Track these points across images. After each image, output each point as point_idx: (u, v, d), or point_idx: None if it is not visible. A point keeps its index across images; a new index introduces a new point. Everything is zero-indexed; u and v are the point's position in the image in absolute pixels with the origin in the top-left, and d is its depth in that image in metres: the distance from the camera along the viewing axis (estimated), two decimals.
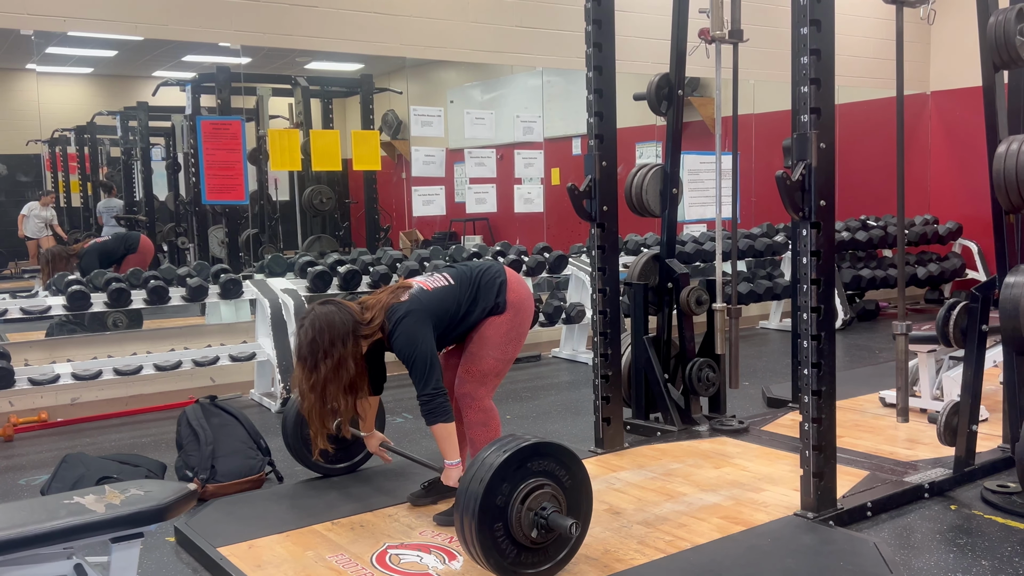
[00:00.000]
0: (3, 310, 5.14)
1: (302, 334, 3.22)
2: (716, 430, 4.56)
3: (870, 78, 8.79)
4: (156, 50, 6.59)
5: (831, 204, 3.24)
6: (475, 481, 2.71)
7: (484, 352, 3.43)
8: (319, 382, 3.20)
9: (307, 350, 3.18)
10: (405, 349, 3.23)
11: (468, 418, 3.46)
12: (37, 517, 2.31)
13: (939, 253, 9.16)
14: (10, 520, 2.30)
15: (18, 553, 2.27)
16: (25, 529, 2.25)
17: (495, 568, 2.74)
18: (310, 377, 3.20)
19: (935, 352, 4.80)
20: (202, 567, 3.19)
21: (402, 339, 3.23)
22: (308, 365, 3.19)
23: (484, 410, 3.47)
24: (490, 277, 3.45)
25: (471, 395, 3.44)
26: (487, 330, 3.43)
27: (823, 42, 3.18)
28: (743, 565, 2.96)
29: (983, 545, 3.22)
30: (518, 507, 2.73)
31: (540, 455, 2.81)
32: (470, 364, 3.44)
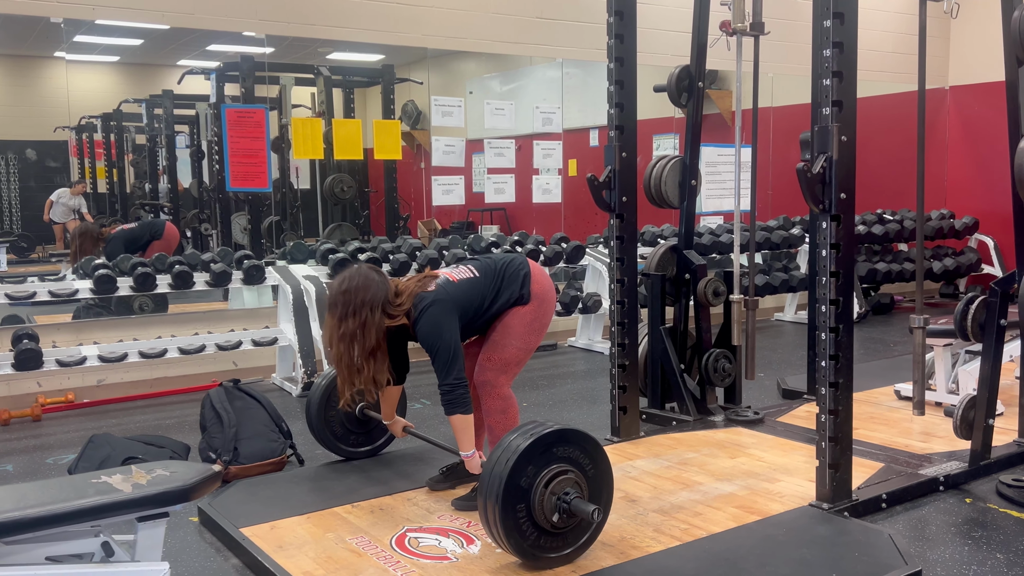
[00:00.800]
0: (32, 293, 5.18)
1: (337, 282, 3.23)
2: (731, 420, 4.54)
3: (889, 72, 8.69)
4: (181, 39, 6.61)
5: (851, 197, 3.21)
6: (501, 462, 2.72)
7: (507, 341, 3.42)
8: (346, 335, 3.17)
9: (340, 299, 3.18)
10: (430, 337, 3.23)
11: (487, 405, 3.46)
12: (66, 496, 2.33)
13: (955, 248, 9.07)
14: (40, 498, 2.32)
15: (48, 530, 2.29)
16: (55, 507, 2.27)
17: (515, 549, 2.74)
18: (338, 328, 3.19)
19: (951, 346, 4.76)
20: (225, 547, 3.21)
21: (427, 327, 3.23)
22: (337, 315, 3.18)
23: (503, 397, 3.46)
24: (514, 269, 3.45)
25: (491, 382, 3.44)
26: (511, 319, 3.42)
27: (846, 35, 3.14)
28: (758, 554, 2.94)
29: (998, 538, 3.19)
30: (541, 490, 2.74)
31: (566, 442, 2.82)
32: (492, 352, 3.44)
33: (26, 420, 5.03)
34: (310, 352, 5.54)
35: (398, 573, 2.84)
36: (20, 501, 2.29)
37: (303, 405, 4.23)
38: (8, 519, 2.21)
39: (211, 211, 7.57)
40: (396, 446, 4.15)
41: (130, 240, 6.54)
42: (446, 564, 2.91)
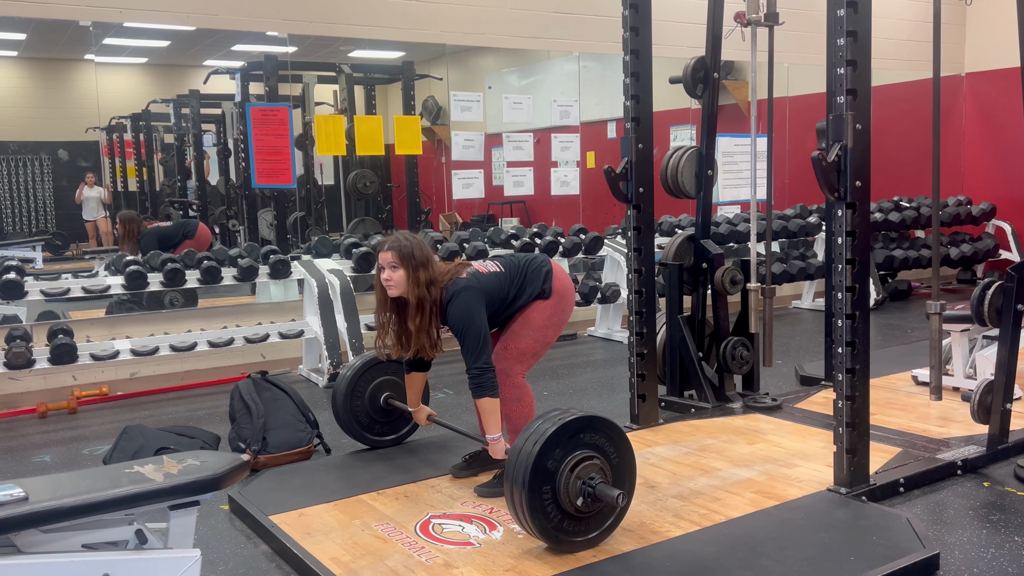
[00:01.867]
0: (66, 289, 5.24)
1: (402, 235, 3.33)
2: (749, 407, 4.52)
3: (904, 60, 8.58)
4: (207, 40, 6.64)
5: (867, 185, 3.17)
6: (528, 443, 2.74)
7: (525, 332, 3.46)
8: (421, 282, 3.26)
9: (405, 244, 3.28)
10: (461, 321, 3.27)
11: (503, 394, 3.45)
12: (101, 485, 2.36)
13: (972, 234, 8.96)
14: (76, 488, 2.35)
15: (84, 519, 2.32)
16: (90, 496, 2.29)
17: (539, 531, 2.75)
18: (394, 270, 3.27)
19: (968, 331, 4.70)
20: (255, 534, 3.24)
21: (459, 311, 3.27)
22: (398, 255, 3.26)
23: (519, 387, 3.48)
24: (536, 266, 3.52)
25: (507, 371, 3.45)
26: (531, 312, 3.46)
27: (860, 23, 3.11)
28: (777, 538, 2.93)
29: (1016, 522, 3.16)
30: (567, 475, 2.76)
31: (592, 428, 2.84)
32: (509, 342, 3.46)
33: (63, 412, 5.10)
34: (335, 344, 5.57)
35: (422, 558, 2.86)
36: (57, 491, 2.31)
37: (329, 396, 4.26)
38: (46, 508, 2.24)
39: (238, 208, 7.61)
40: (420, 435, 4.17)
41: (164, 238, 6.60)
42: (469, 550, 2.92)
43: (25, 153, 7.27)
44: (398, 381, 4.04)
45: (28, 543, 2.31)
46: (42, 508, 2.23)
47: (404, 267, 3.27)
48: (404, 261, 3.27)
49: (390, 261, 3.28)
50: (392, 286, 3.30)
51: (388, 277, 3.29)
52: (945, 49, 4.43)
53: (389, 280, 3.29)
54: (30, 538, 2.31)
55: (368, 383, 4.01)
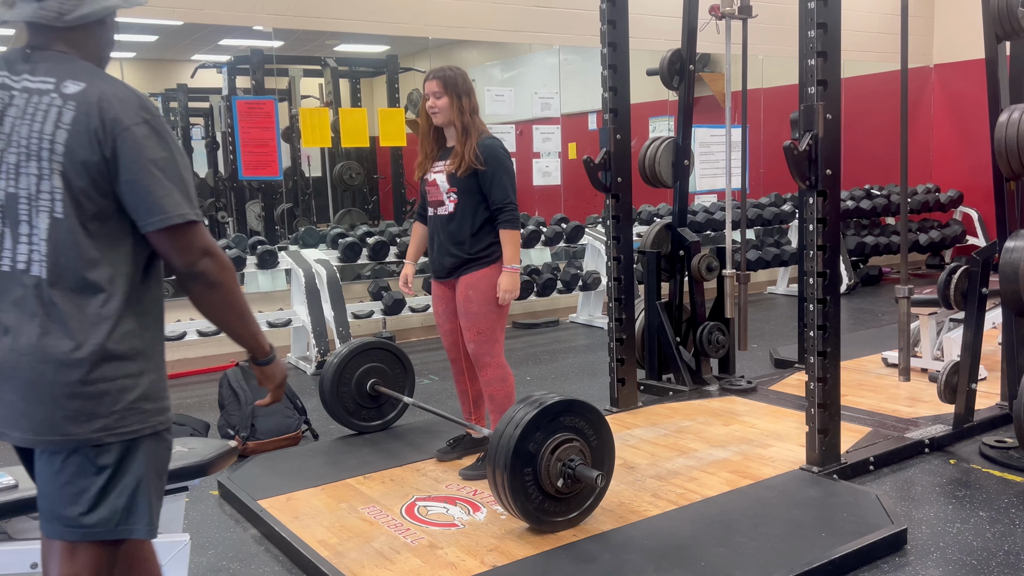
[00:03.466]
0: None
1: (447, 67, 3.32)
2: (725, 390, 4.53)
3: (875, 52, 8.61)
4: (194, 34, 6.57)
5: (837, 173, 3.18)
6: (510, 427, 2.74)
7: (486, 308, 3.33)
8: (465, 109, 3.27)
9: (449, 73, 3.28)
10: (498, 158, 3.28)
11: (485, 376, 3.41)
12: None
13: (940, 220, 9.02)
14: None
15: None
16: None
17: (521, 512, 2.76)
18: (438, 98, 3.26)
19: (936, 314, 4.74)
20: (243, 518, 3.23)
21: (498, 149, 3.29)
22: (442, 83, 3.26)
23: (501, 366, 3.40)
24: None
25: (488, 353, 3.36)
26: (481, 283, 3.33)
27: (829, 16, 3.11)
28: (751, 516, 2.95)
29: (981, 497, 3.19)
30: (548, 457, 2.76)
31: (572, 412, 2.84)
32: (480, 324, 3.34)
33: None
34: (322, 332, 5.54)
35: (408, 540, 2.86)
36: None
37: (317, 383, 4.23)
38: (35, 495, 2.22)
39: (227, 199, 7.56)
40: (406, 420, 4.17)
41: None
42: (454, 531, 2.92)
43: None
44: (384, 368, 4.04)
45: (18, 530, 2.30)
46: (32, 495, 2.20)
47: (448, 94, 3.26)
48: (448, 89, 3.26)
49: (434, 89, 3.27)
50: (436, 112, 3.29)
51: (433, 105, 3.29)
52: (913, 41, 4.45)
53: (434, 107, 3.28)
54: (20, 525, 2.29)
55: (355, 370, 3.99)
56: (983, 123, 3.69)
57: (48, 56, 1.61)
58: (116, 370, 1.60)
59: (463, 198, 3.31)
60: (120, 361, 1.60)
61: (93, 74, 1.61)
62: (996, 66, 3.64)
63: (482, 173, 3.27)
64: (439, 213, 3.38)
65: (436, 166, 3.38)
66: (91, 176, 1.56)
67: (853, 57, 7.52)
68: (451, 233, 3.35)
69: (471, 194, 3.30)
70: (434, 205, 3.41)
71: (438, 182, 3.35)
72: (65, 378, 1.57)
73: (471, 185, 3.29)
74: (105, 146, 1.55)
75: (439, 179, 3.35)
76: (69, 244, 1.57)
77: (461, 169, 3.27)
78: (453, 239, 3.35)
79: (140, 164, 1.56)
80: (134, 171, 1.56)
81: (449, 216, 3.34)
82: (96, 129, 1.55)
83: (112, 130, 1.56)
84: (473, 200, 3.30)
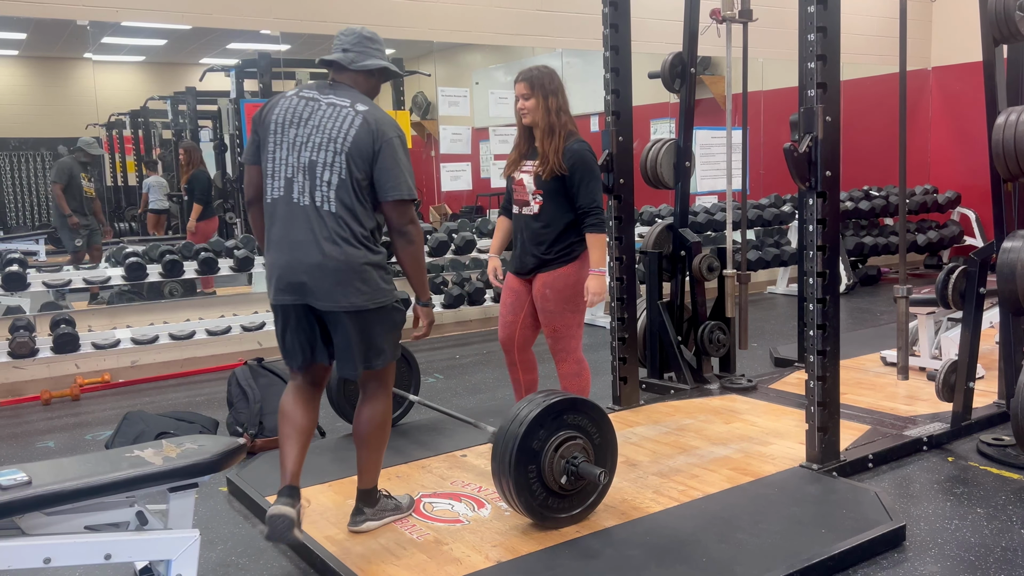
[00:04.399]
0: (68, 281, 5.20)
1: (534, 67, 3.40)
2: (726, 388, 4.53)
3: (873, 55, 8.60)
4: (203, 38, 6.58)
5: (836, 175, 3.18)
6: (515, 425, 2.74)
7: (561, 308, 3.43)
8: (534, 107, 3.33)
9: (536, 73, 3.35)
10: (587, 161, 3.32)
11: (561, 370, 3.52)
12: (102, 469, 2.34)
13: (938, 221, 9.01)
14: (78, 472, 2.34)
15: (86, 501, 2.31)
16: (91, 480, 2.28)
17: (525, 507, 2.77)
18: (526, 99, 3.35)
19: (934, 314, 4.74)
20: (252, 514, 3.24)
21: (587, 153, 3.33)
22: (528, 85, 3.34)
23: (578, 361, 3.52)
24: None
25: (566, 349, 3.49)
26: (557, 282, 3.41)
27: (829, 19, 3.11)
28: (751, 513, 2.95)
29: (979, 494, 3.19)
30: (551, 454, 2.76)
31: (575, 410, 2.84)
32: (555, 323, 3.45)
33: (66, 400, 5.07)
34: None
35: (413, 536, 2.86)
36: (59, 475, 2.30)
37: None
38: (49, 492, 2.23)
39: (235, 200, 7.56)
40: (412, 418, 4.17)
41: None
42: (459, 527, 2.93)
43: (26, 149, 7.20)
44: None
45: (32, 525, 2.30)
46: (45, 492, 2.22)
47: (535, 95, 3.33)
48: (535, 89, 3.33)
49: (523, 91, 3.36)
50: (526, 113, 3.36)
51: (522, 106, 3.37)
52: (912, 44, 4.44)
53: (523, 108, 3.37)
54: (34, 520, 2.30)
55: None
56: (981, 125, 3.69)
57: (343, 88, 2.72)
58: (374, 270, 2.65)
59: (548, 200, 3.37)
60: (375, 266, 2.66)
61: (369, 102, 2.71)
62: (993, 69, 3.64)
63: (568, 177, 3.32)
64: (524, 212, 3.46)
65: (525, 165, 3.45)
66: (364, 158, 2.62)
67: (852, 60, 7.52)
68: (534, 232, 3.43)
69: (556, 197, 3.36)
70: (519, 204, 3.49)
71: (524, 182, 3.43)
72: (353, 270, 2.61)
73: (556, 188, 3.35)
74: (375, 144, 2.62)
75: (526, 179, 3.43)
76: (345, 194, 2.61)
77: (546, 173, 3.34)
78: (536, 239, 3.43)
79: (391, 159, 2.62)
80: (386, 162, 2.62)
81: (534, 216, 3.42)
82: (372, 132, 2.62)
83: (380, 137, 2.62)
84: (557, 203, 3.36)
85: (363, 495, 2.91)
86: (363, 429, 2.83)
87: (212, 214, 7.00)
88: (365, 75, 2.74)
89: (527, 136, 3.45)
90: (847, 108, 3.20)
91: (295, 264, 2.62)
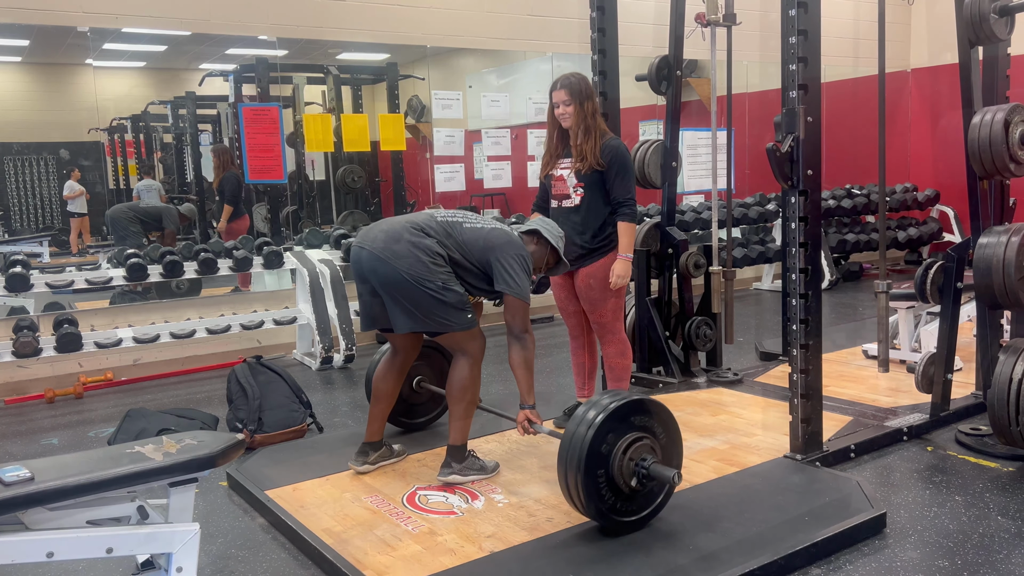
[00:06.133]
0: (71, 282, 5.18)
1: (571, 74, 3.58)
2: (713, 381, 4.54)
3: (854, 57, 8.60)
4: (201, 44, 6.56)
5: (817, 174, 3.19)
6: (583, 425, 2.65)
7: (604, 295, 3.63)
8: (572, 112, 3.51)
9: (574, 80, 3.54)
10: (624, 157, 3.54)
11: (607, 350, 3.75)
12: (103, 465, 2.34)
13: (918, 218, 9.03)
14: (80, 468, 2.33)
15: (88, 496, 2.30)
16: (93, 475, 2.28)
17: (595, 512, 2.69)
18: (567, 105, 3.52)
19: (913, 308, 4.75)
20: (252, 508, 3.23)
21: (623, 149, 3.55)
22: (568, 91, 3.52)
23: (622, 341, 3.74)
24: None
25: (609, 328, 3.69)
26: (599, 272, 3.60)
27: (810, 23, 3.11)
28: (737, 502, 2.96)
29: (956, 482, 3.20)
30: (620, 457, 2.67)
31: (642, 411, 2.74)
32: (597, 307, 3.65)
33: (69, 398, 5.06)
34: (326, 329, 5.54)
35: (409, 527, 2.86)
36: (62, 471, 2.30)
37: (322, 378, 4.24)
38: (52, 487, 2.22)
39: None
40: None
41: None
42: (453, 518, 2.93)
43: (29, 153, 7.16)
44: (427, 367, 3.83)
45: (35, 520, 2.29)
46: (48, 487, 2.21)
47: (574, 101, 3.51)
48: (574, 96, 3.51)
49: (563, 98, 3.54)
50: (566, 117, 3.54)
51: (562, 112, 3.55)
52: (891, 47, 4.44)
53: (564, 114, 3.55)
54: (37, 516, 2.29)
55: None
56: (958, 125, 3.70)
57: None
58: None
59: (588, 192, 3.58)
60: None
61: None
62: (969, 71, 3.65)
63: (605, 172, 3.54)
64: (564, 206, 3.65)
65: (563, 163, 3.65)
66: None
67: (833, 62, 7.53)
68: (576, 224, 3.62)
69: (595, 189, 3.57)
70: (559, 198, 3.68)
71: (565, 177, 3.64)
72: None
73: (595, 180, 3.56)
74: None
75: (566, 175, 3.63)
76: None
77: (586, 168, 3.55)
78: (578, 228, 3.61)
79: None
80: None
81: (575, 208, 3.61)
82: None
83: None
84: (597, 194, 3.57)
85: (451, 450, 3.18)
86: (449, 389, 3.14)
87: (242, 213, 6.99)
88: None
89: (562, 137, 3.64)
90: (829, 109, 3.20)
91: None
